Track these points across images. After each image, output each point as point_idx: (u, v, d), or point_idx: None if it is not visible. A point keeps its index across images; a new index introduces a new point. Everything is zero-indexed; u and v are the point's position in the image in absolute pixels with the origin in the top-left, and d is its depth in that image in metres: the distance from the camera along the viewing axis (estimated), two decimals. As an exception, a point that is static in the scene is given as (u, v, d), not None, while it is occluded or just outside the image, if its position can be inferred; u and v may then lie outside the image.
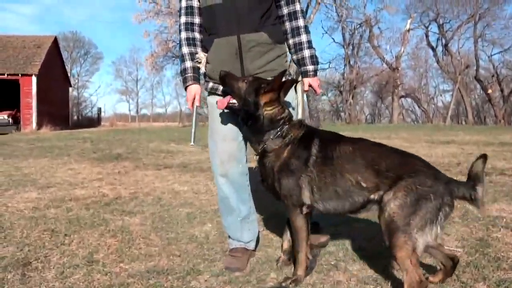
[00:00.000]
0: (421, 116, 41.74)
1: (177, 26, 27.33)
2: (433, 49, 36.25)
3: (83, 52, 51.75)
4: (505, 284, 2.30)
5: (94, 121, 37.73)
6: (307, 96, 2.74)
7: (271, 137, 2.38)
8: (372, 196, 2.18)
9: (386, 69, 36.09)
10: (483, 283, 2.33)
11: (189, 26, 2.61)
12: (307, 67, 2.61)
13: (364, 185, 2.18)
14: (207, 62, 2.60)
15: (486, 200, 4.21)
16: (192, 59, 2.60)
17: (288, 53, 2.70)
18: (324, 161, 2.28)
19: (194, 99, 2.60)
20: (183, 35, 2.62)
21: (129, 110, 59.17)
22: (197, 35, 2.63)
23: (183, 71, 2.61)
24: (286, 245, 2.65)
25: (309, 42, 2.62)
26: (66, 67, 37.29)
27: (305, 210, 2.33)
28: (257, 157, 2.46)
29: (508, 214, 3.68)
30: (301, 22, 2.61)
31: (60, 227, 3.41)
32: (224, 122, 2.61)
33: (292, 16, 2.60)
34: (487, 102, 35.90)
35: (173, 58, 30.47)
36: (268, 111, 2.38)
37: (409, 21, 33.81)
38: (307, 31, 2.64)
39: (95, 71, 54.18)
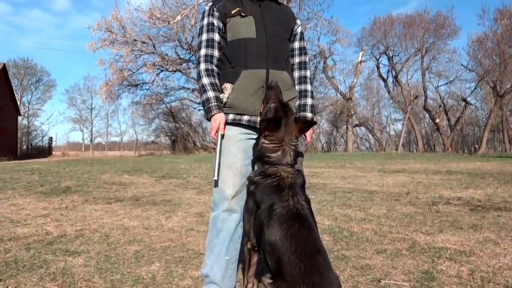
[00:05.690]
0: (375, 144, 43.04)
1: (133, 55, 26.83)
2: (384, 80, 37.84)
3: (34, 80, 49.35)
4: (448, 319, 2.35)
5: (44, 151, 36.28)
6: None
7: (256, 169, 2.41)
8: None
9: (340, 99, 37.12)
10: (427, 318, 2.37)
11: (209, 58, 2.61)
12: (307, 113, 2.71)
13: None
14: (231, 93, 2.55)
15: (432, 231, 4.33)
16: (214, 89, 2.55)
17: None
18: (263, 222, 2.17)
19: (218, 127, 2.52)
20: (202, 66, 2.59)
21: (83, 139, 57.26)
22: (215, 67, 2.63)
23: (206, 101, 2.52)
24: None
25: (312, 92, 2.81)
26: (16, 95, 35.93)
27: (249, 245, 2.32)
28: None
29: (452, 245, 3.79)
30: (308, 73, 2.83)
31: (-5, 271, 3.18)
32: (237, 155, 2.56)
33: (302, 65, 2.81)
34: (436, 131, 37.58)
35: (129, 87, 30.13)
36: (265, 142, 2.35)
37: (361, 53, 35.23)
38: (312, 82, 2.85)
39: (47, 99, 51.67)
